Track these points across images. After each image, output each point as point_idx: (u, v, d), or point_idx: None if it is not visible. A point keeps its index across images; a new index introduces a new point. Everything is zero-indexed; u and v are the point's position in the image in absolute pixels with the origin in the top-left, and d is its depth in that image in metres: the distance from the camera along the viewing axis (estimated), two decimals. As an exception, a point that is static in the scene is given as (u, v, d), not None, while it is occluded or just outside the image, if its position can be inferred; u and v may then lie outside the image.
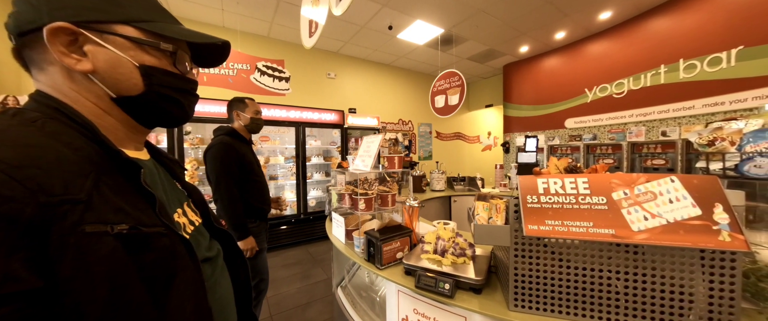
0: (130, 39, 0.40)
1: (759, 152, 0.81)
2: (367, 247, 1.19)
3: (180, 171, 0.61)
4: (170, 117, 0.47)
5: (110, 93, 0.40)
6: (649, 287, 0.71)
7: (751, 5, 2.79)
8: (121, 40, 0.39)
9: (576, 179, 0.75)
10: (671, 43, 3.50)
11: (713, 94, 3.11)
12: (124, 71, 0.40)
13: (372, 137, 1.41)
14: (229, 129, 1.62)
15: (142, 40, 0.41)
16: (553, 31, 4.41)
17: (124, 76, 0.40)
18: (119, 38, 0.39)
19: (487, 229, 0.79)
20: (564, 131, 4.96)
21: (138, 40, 0.40)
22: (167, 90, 0.44)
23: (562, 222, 0.72)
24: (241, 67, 3.73)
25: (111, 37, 0.39)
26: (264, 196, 1.69)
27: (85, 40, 0.38)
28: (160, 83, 0.43)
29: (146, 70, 0.41)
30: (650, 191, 0.69)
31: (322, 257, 3.37)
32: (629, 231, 0.67)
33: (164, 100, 0.45)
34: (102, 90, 0.40)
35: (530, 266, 0.79)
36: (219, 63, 0.57)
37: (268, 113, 3.47)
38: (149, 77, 0.42)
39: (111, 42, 0.39)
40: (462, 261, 1.01)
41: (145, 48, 0.41)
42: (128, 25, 0.40)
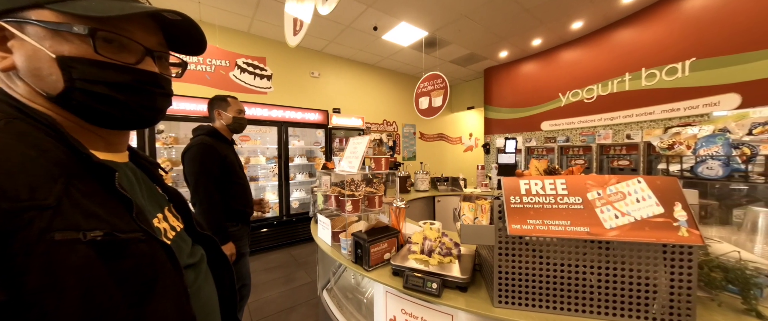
0: (43, 24, 0.33)
1: (710, 156, 0.90)
2: (354, 249, 1.19)
3: (160, 174, 0.58)
4: (113, 119, 0.39)
5: (41, 92, 0.35)
6: (619, 280, 0.77)
7: (700, 22, 3.09)
8: (34, 28, 0.33)
9: (555, 180, 0.80)
10: (635, 53, 3.79)
11: (670, 101, 3.41)
12: (42, 65, 0.33)
13: (359, 139, 1.41)
14: (210, 129, 1.55)
15: (53, 24, 0.33)
16: (530, 38, 4.62)
17: (43, 72, 0.34)
18: (32, 26, 0.33)
19: (473, 229, 0.82)
20: (540, 133, 5.22)
21: (50, 24, 0.33)
22: (97, 86, 0.35)
23: (543, 221, 0.76)
24: (220, 63, 3.57)
25: (27, 26, 0.33)
26: (246, 199, 1.63)
27: (6, 34, 0.33)
28: (85, 77, 0.35)
29: (64, 62, 0.34)
30: (620, 191, 0.75)
31: (306, 260, 3.31)
32: (602, 228, 0.73)
33: (95, 99, 0.36)
34: (34, 89, 0.35)
35: (513, 264, 0.83)
36: (197, 49, 0.50)
37: (250, 112, 3.35)
38: (68, 70, 0.34)
39: (27, 32, 0.33)
40: (448, 260, 1.03)
41: (63, 35, 0.33)
42: (42, 8, 0.33)
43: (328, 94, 5.04)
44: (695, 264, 0.72)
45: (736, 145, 0.88)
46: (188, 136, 3.17)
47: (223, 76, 3.59)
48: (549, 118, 5.07)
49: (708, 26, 3.02)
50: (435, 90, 4.11)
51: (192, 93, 3.24)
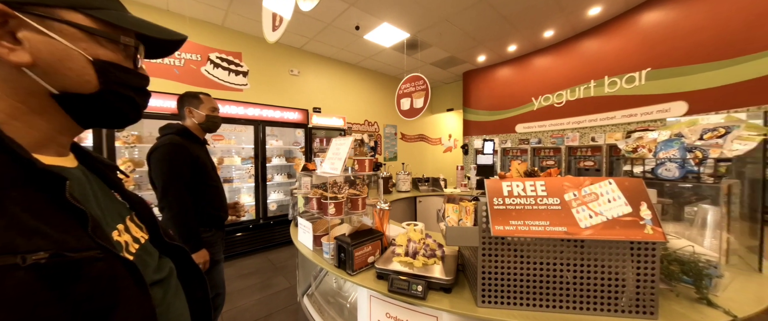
0: (82, 28, 0.35)
1: (668, 158, 0.98)
2: (337, 253, 1.15)
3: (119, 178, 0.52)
4: (124, 118, 0.42)
5: (51, 89, 0.34)
6: (593, 276, 0.81)
7: (654, 36, 3.41)
8: (70, 30, 0.34)
9: (535, 182, 0.83)
10: (599, 62, 4.09)
11: (629, 107, 3.72)
12: (74, 67, 0.35)
13: (341, 139, 1.38)
14: (180, 127, 1.44)
15: (96, 31, 0.36)
16: (506, 44, 4.83)
17: (74, 72, 0.35)
18: (67, 26, 0.34)
19: (458, 231, 0.83)
20: (515, 135, 5.47)
21: (92, 30, 0.35)
22: (125, 89, 0.40)
23: (524, 221, 0.79)
24: (190, 57, 3.34)
25: (57, 24, 0.33)
26: (220, 202, 1.53)
27: (20, 24, 0.31)
28: (118, 81, 0.38)
29: (103, 66, 0.37)
30: (593, 192, 0.79)
31: (285, 264, 3.19)
32: (578, 228, 0.76)
33: (121, 100, 0.40)
34: (38, 86, 0.34)
35: (495, 264, 0.84)
36: (166, 55, 0.50)
37: (224, 110, 3.18)
38: (106, 74, 0.37)
39: (57, 30, 0.33)
40: (433, 262, 1.04)
41: (99, 40, 0.36)
42: (77, 11, 0.34)
43: (309, 93, 4.91)
44: (658, 259, 0.78)
45: (690, 149, 0.97)
46: (153, 134, 2.95)
47: (193, 70, 3.36)
48: (523, 121, 5.33)
49: (660, 41, 3.34)
50: (416, 91, 4.15)
51: (158, 88, 3.01)
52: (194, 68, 3.36)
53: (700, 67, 2.95)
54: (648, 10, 3.46)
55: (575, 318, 0.80)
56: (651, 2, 3.42)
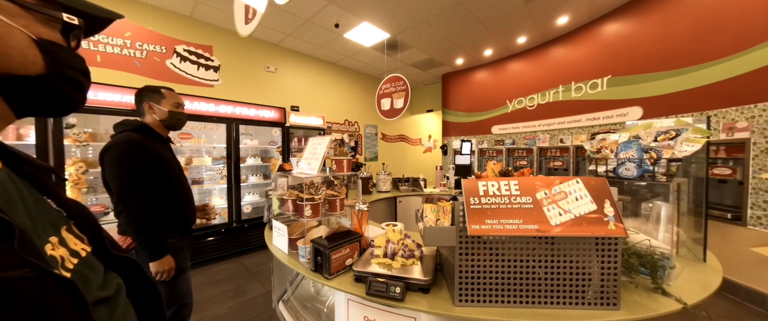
0: (22, 4, 0.32)
1: (628, 158, 1.05)
2: (313, 256, 1.11)
3: (55, 182, 0.45)
4: (70, 104, 0.39)
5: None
6: (562, 271, 0.84)
7: (613, 46, 3.69)
8: (7, 4, 0.31)
9: (509, 182, 0.85)
10: (566, 68, 4.36)
11: (593, 110, 3.99)
12: (16, 45, 0.32)
13: (319, 139, 1.33)
14: (139, 124, 1.31)
15: (37, 8, 0.33)
16: (482, 49, 5.00)
17: (16, 51, 0.32)
18: (5, 1, 0.31)
19: (436, 231, 0.83)
20: (491, 136, 5.68)
21: (33, 6, 0.33)
22: (72, 71, 0.37)
23: (499, 220, 0.80)
24: (154, 48, 3.09)
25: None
26: (187, 206, 1.42)
27: None
28: (65, 63, 0.36)
29: (48, 46, 0.34)
30: (563, 191, 0.83)
31: (259, 269, 3.05)
32: (549, 225, 0.79)
33: (68, 83, 0.37)
34: None
35: (471, 263, 0.85)
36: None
37: (192, 107, 2.97)
38: (52, 55, 0.34)
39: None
40: (411, 262, 1.03)
41: (38, 16, 0.33)
42: None
43: (286, 91, 4.75)
44: (620, 253, 0.83)
45: (646, 150, 1.04)
46: (109, 132, 2.68)
47: (157, 63, 3.11)
48: (498, 123, 5.55)
49: (619, 50, 3.62)
50: (396, 92, 4.17)
51: (116, 81, 2.74)
52: (158, 61, 3.11)
53: (653, 75, 3.23)
54: (608, 21, 3.74)
55: (546, 312, 0.83)
56: (611, 15, 3.70)
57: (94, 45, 2.74)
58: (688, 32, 2.85)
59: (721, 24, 2.58)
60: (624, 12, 3.53)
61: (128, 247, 1.25)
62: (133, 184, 1.18)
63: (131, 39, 2.89)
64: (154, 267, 1.19)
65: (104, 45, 2.75)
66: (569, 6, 3.61)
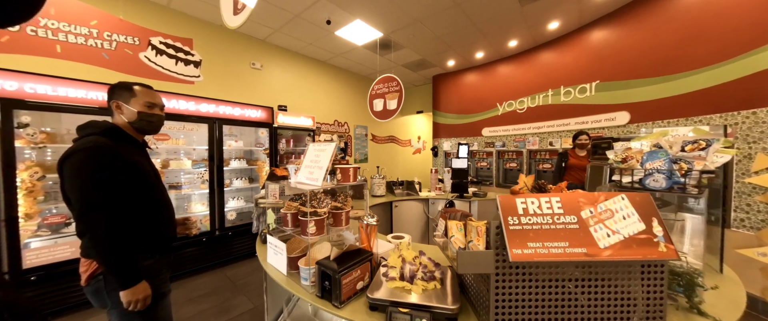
0: None
1: (656, 169, 0.99)
2: (320, 280, 0.97)
3: None
4: None
5: None
6: (605, 296, 0.76)
7: (602, 52, 3.78)
8: None
9: (550, 198, 0.76)
10: (556, 72, 4.44)
11: (582, 114, 4.08)
12: None
13: (322, 145, 1.19)
14: (108, 126, 1.12)
15: None
16: (474, 51, 4.99)
17: None
18: None
19: (471, 257, 0.72)
20: (481, 138, 5.70)
21: None
22: None
23: (543, 243, 0.71)
24: (125, 39, 2.78)
25: None
26: (167, 219, 1.24)
27: None
28: None
29: None
30: (609, 209, 0.75)
31: (246, 281, 2.84)
32: (597, 248, 0.71)
33: None
34: None
35: (508, 290, 0.76)
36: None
37: (169, 105, 2.70)
38: None
39: None
40: (433, 286, 0.92)
41: None
42: None
43: (272, 90, 4.51)
44: (666, 275, 0.76)
45: (675, 160, 0.99)
46: (72, 132, 2.38)
47: (129, 56, 2.81)
48: (489, 125, 5.58)
49: (607, 56, 3.71)
50: (390, 93, 4.06)
51: (79, 75, 2.43)
52: (130, 54, 2.80)
53: (640, 81, 3.33)
54: (597, 28, 3.83)
55: (588, 342, 0.75)
56: (599, 21, 3.79)
57: (53, 33, 2.41)
58: (674, 41, 2.95)
59: (706, 34, 2.69)
60: (612, 19, 3.62)
61: (93, 273, 1.05)
62: (98, 198, 0.98)
63: (98, 28, 2.57)
64: (126, 296, 1.00)
65: (65, 33, 2.42)
66: (560, 11, 3.66)
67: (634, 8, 3.37)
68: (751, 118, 2.31)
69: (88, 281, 1.06)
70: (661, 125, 3.12)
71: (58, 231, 2.27)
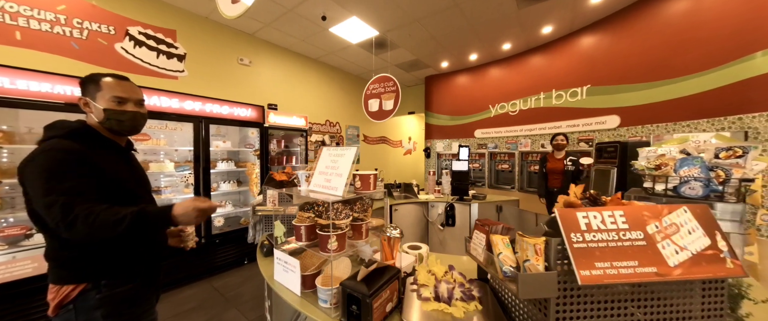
0: None
1: (693, 177, 0.96)
2: (345, 304, 0.86)
3: None
4: None
5: None
6: (662, 312, 0.71)
7: (593, 58, 3.89)
8: None
9: (613, 212, 0.69)
10: (548, 76, 4.53)
11: (573, 118, 4.18)
12: None
13: (340, 150, 1.08)
14: (76, 126, 0.94)
15: None
16: (468, 52, 5.00)
17: None
18: None
19: (535, 280, 0.64)
20: (474, 140, 5.74)
21: None
22: None
23: (611, 263, 0.64)
24: (98, 27, 2.49)
25: None
26: (151, 239, 1.06)
27: None
28: None
29: None
30: (673, 223, 0.69)
31: (237, 292, 2.64)
32: (668, 267, 0.65)
33: None
34: None
35: (566, 313, 0.68)
36: None
37: (149, 101, 2.45)
38: None
39: None
40: (473, 307, 0.84)
41: None
42: None
43: (261, 87, 4.28)
44: (727, 290, 0.71)
45: (711, 168, 0.96)
46: (34, 131, 2.10)
47: (103, 47, 2.52)
48: (481, 127, 5.62)
49: (598, 62, 3.82)
50: (386, 93, 3.96)
51: (44, 66, 2.14)
52: (105, 44, 2.51)
53: (629, 86, 3.45)
54: (589, 33, 3.94)
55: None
56: (591, 27, 3.90)
57: (12, 17, 2.10)
58: (662, 48, 3.07)
59: (692, 43, 2.81)
60: (603, 26, 3.73)
61: (62, 302, 0.87)
62: (69, 187, 0.81)
63: (66, 14, 2.28)
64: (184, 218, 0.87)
65: (26, 18, 2.12)
66: (555, 16, 3.72)
67: (624, 16, 3.48)
68: (736, 123, 2.43)
69: (56, 311, 0.88)
70: (649, 129, 3.24)
71: (16, 244, 1.98)
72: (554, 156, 3.24)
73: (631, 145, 2.14)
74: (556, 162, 3.16)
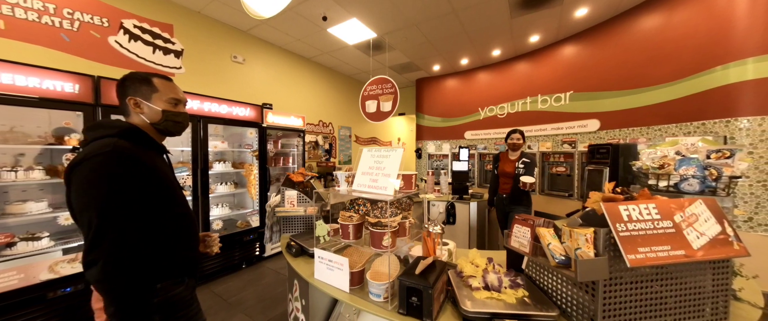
0: None
1: (692, 175, 1.12)
2: (405, 296, 0.91)
3: None
4: None
5: None
6: (683, 292, 0.84)
7: (575, 66, 4.22)
8: None
9: (647, 205, 0.81)
10: (534, 82, 4.83)
11: (557, 121, 4.50)
12: None
13: (384, 151, 1.12)
14: (127, 126, 0.92)
15: None
16: (460, 57, 5.20)
17: None
18: None
19: (590, 265, 0.74)
20: (464, 141, 5.96)
21: None
22: None
23: (651, 248, 0.75)
24: (91, 19, 2.33)
25: None
26: (195, 236, 1.06)
27: None
28: None
29: None
30: (693, 213, 0.82)
31: (239, 297, 2.57)
32: (693, 250, 0.77)
33: None
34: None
35: (610, 294, 0.79)
36: None
37: (147, 99, 2.33)
38: None
39: None
40: (521, 294, 0.92)
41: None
42: None
43: (255, 86, 4.18)
44: (731, 269, 0.86)
45: (705, 167, 1.13)
46: (14, 130, 1.92)
47: (96, 40, 2.35)
48: (471, 129, 5.86)
49: (580, 70, 4.15)
50: (384, 94, 4.03)
51: (31, 58, 1.97)
52: (97, 37, 2.34)
53: (609, 93, 3.78)
54: (572, 43, 4.26)
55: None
56: (575, 37, 4.22)
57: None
58: (638, 59, 3.41)
59: (664, 56, 3.16)
60: (586, 36, 4.06)
61: None
62: (116, 218, 0.77)
63: (56, 3, 2.10)
64: None
65: (11, 6, 1.93)
66: (542, 26, 3.99)
67: (604, 29, 3.81)
68: (700, 128, 2.76)
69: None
70: (626, 132, 3.58)
71: None
72: (508, 156, 2.69)
73: (623, 147, 2.38)
74: (508, 163, 2.63)
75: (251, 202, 3.45)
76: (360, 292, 1.07)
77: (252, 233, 3.22)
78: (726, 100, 2.58)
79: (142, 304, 0.79)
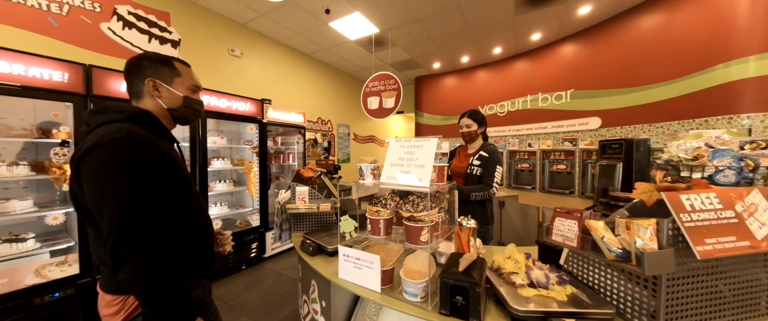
0: None
1: (727, 166, 1.10)
2: (447, 295, 0.85)
3: None
4: None
5: None
6: (743, 283, 0.81)
7: (576, 64, 4.25)
8: None
9: (709, 194, 0.77)
10: (534, 80, 4.85)
11: (558, 119, 4.53)
12: None
13: (415, 141, 1.06)
14: (138, 111, 0.82)
15: None
16: (461, 55, 5.18)
17: None
18: None
19: (659, 257, 0.69)
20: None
21: None
22: None
23: (717, 239, 0.71)
24: (81, 4, 2.16)
25: None
26: (209, 233, 0.98)
27: None
28: None
29: None
30: (753, 203, 0.79)
31: (242, 299, 2.45)
32: (756, 240, 0.74)
33: None
34: None
35: (673, 288, 0.75)
36: None
37: (143, 91, 2.18)
38: None
39: None
40: (570, 291, 0.87)
41: None
42: None
43: (253, 81, 4.04)
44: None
45: (741, 158, 1.11)
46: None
47: (86, 26, 2.18)
48: (471, 127, 5.84)
49: (581, 68, 4.18)
50: (387, 91, 3.97)
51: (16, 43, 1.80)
52: (89, 23, 2.18)
53: (609, 91, 3.82)
54: (572, 42, 4.30)
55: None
56: (575, 36, 4.25)
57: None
58: (638, 58, 3.46)
59: (665, 54, 3.20)
60: (587, 35, 4.09)
61: (130, 315, 0.75)
62: (143, 209, 0.69)
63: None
64: None
65: (-9, -14, 1.77)
66: (544, 24, 4.00)
67: (605, 27, 3.85)
68: (702, 125, 2.81)
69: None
70: (628, 130, 3.62)
71: (-22, 257, 1.64)
72: (465, 150, 1.93)
73: (637, 142, 2.38)
74: (461, 159, 1.90)
75: (251, 201, 3.32)
76: (391, 292, 1.00)
77: (252, 233, 3.10)
78: (728, 98, 2.62)
79: (183, 299, 0.72)
